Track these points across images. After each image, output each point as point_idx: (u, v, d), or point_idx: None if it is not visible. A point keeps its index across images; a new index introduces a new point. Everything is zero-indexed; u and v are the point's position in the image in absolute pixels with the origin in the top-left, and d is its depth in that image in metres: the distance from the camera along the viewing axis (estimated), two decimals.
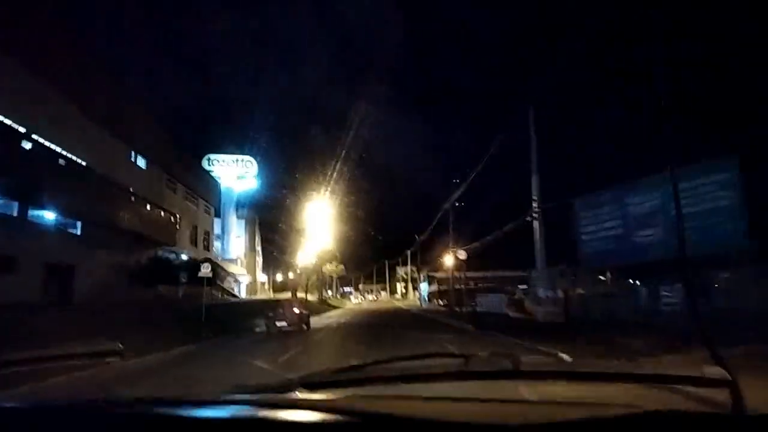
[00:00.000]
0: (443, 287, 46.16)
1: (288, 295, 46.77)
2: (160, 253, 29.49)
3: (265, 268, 69.50)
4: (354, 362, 1.56)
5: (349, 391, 1.36)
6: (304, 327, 20.24)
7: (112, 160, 24.51)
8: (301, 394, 1.33)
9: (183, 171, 35.11)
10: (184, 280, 27.59)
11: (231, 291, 45.61)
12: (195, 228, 38.17)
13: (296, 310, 20.62)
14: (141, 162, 28.43)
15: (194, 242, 37.92)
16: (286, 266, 65.46)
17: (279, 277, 69.42)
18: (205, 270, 20.00)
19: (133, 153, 27.35)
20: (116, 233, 24.08)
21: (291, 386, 1.39)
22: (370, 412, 0.99)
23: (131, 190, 26.09)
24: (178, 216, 32.19)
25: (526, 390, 1.86)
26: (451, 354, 1.64)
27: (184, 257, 34.74)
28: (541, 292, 15.72)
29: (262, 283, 69.83)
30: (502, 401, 1.22)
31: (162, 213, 28.56)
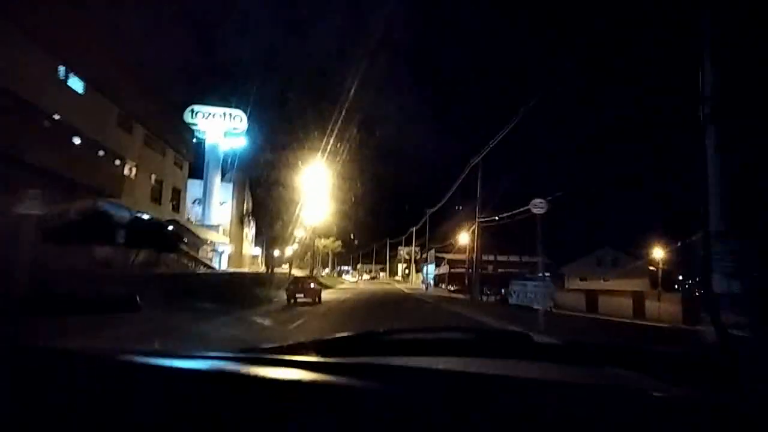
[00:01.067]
0: (456, 270, 39.61)
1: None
2: (99, 205, 22.80)
3: (259, 240, 62.97)
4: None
5: (361, 359, 1.27)
6: (317, 300, 23.43)
7: (24, 72, 17.68)
8: (312, 357, 1.29)
9: (146, 111, 28.22)
10: (121, 240, 21.10)
11: (206, 261, 39.08)
12: (160, 183, 31.42)
13: (312, 286, 24.03)
14: (77, 85, 21.59)
15: (157, 200, 31.20)
16: (284, 239, 58.82)
17: (276, 252, 62.96)
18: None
19: (62, 69, 20.48)
20: (23, 171, 17.37)
21: (303, 348, 1.37)
22: (379, 380, 0.97)
23: (55, 117, 19.30)
24: (129, 162, 25.45)
25: (541, 370, 1.40)
26: (467, 328, 1.84)
27: (145, 216, 28.12)
28: (720, 283, 8.03)
29: (254, 257, 63.44)
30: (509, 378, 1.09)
31: (101, 153, 21.76)
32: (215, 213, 48.85)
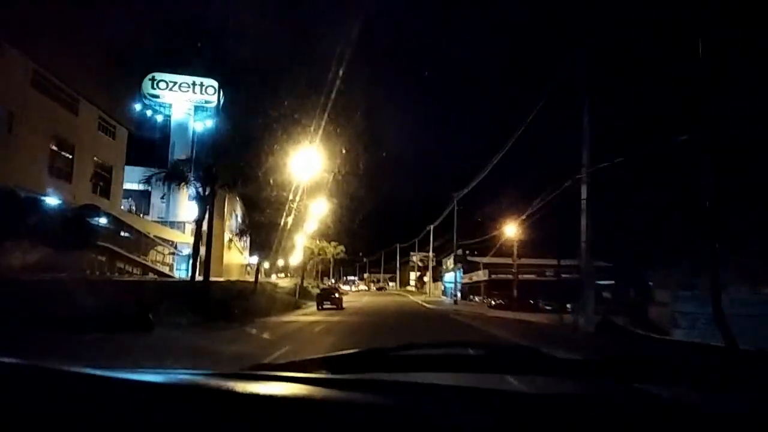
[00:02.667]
0: (499, 276, 29.37)
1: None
2: None
3: (254, 248, 52.77)
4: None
5: (369, 375, 1.27)
6: (340, 306, 27.03)
7: None
8: (319, 373, 1.29)
9: (33, 34, 18.50)
10: None
11: (156, 267, 29.16)
12: (69, 149, 21.54)
13: (336, 296, 28.83)
14: None
15: (63, 174, 21.29)
16: (287, 247, 48.03)
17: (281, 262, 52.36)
18: None
19: None
20: None
21: (310, 365, 1.38)
22: (387, 395, 0.96)
23: None
24: None
25: (553, 385, 1.41)
26: (477, 343, 1.61)
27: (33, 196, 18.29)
28: None
29: (247, 266, 53.47)
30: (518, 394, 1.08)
31: None
32: (182, 208, 39.02)
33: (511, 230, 25.27)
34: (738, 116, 13.80)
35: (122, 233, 26.89)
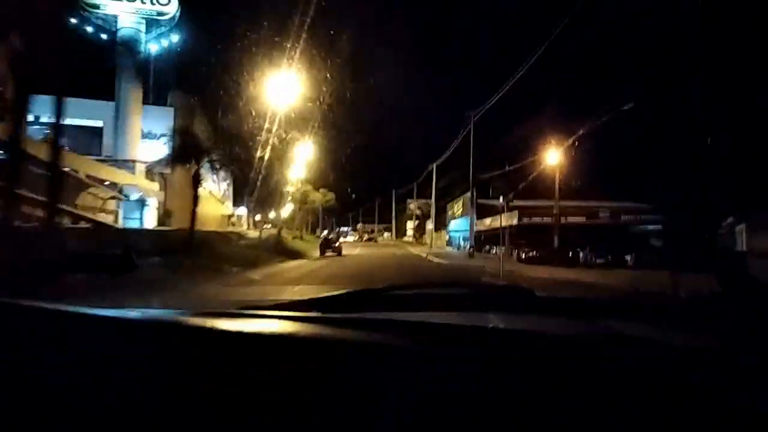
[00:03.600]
0: (532, 220, 23.31)
1: None
2: None
3: (239, 197, 46.33)
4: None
5: (360, 314, 1.24)
6: (340, 254, 28.71)
7: None
8: (310, 312, 1.26)
9: None
10: None
11: (89, 216, 22.80)
12: None
13: (337, 244, 29.87)
14: None
15: None
16: (278, 196, 41.45)
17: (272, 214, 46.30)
18: None
19: None
20: None
21: (301, 304, 1.36)
22: (377, 333, 0.98)
23: None
24: None
25: (542, 323, 1.36)
26: (469, 283, 1.74)
27: None
28: None
29: (231, 216, 47.30)
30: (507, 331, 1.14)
31: None
32: (133, 145, 32.39)
33: (553, 158, 19.14)
34: None
35: (39, 172, 20.57)
